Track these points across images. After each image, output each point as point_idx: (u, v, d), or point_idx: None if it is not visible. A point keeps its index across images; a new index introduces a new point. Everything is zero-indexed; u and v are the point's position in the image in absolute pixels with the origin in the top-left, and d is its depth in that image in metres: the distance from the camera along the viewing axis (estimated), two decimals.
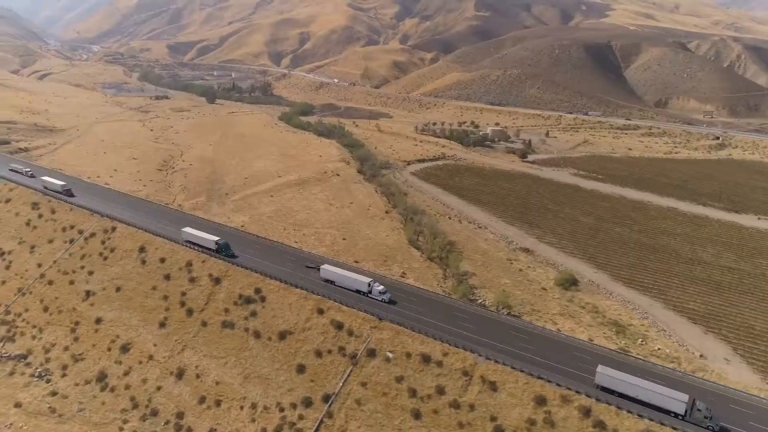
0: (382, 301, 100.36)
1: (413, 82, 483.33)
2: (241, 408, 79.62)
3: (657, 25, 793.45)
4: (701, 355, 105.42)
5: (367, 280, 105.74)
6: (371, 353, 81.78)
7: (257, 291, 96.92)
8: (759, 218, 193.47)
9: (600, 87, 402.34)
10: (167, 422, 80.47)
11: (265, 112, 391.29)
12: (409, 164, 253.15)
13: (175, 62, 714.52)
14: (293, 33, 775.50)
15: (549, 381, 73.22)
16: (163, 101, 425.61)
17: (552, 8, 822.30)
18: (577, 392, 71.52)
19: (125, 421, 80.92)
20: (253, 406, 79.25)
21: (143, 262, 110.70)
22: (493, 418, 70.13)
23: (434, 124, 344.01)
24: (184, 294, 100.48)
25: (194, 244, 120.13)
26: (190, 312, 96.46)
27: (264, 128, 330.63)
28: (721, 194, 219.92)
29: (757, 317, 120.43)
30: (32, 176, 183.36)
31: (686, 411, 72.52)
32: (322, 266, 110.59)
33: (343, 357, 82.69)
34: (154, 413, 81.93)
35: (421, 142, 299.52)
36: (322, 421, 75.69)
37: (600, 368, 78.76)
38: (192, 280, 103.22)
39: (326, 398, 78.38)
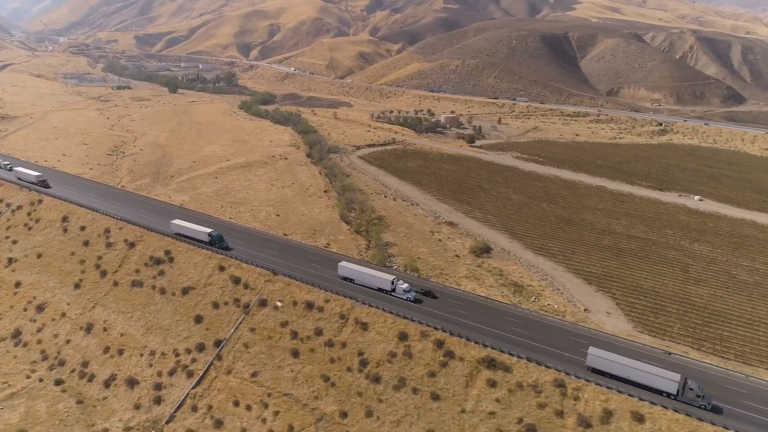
0: (406, 299, 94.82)
1: (377, 72, 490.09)
2: (141, 355, 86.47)
3: (621, 18, 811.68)
4: (585, 309, 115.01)
5: (391, 277, 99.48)
6: (263, 303, 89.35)
7: (167, 253, 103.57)
8: (680, 195, 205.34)
9: (555, 76, 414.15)
10: (73, 370, 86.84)
11: (226, 101, 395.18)
12: (358, 149, 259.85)
13: (142, 53, 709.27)
14: (263, 24, 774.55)
15: (412, 320, 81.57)
16: (125, 91, 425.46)
17: (520, 1, 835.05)
18: (435, 328, 79.94)
19: (33, 371, 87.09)
20: (152, 353, 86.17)
21: (65, 230, 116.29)
22: (360, 353, 78.24)
23: (390, 112, 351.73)
24: (100, 258, 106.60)
25: (184, 236, 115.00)
26: (104, 273, 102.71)
27: (222, 116, 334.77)
28: (648, 174, 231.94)
29: (647, 278, 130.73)
30: (10, 169, 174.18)
31: (678, 390, 72.24)
32: (339, 263, 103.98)
33: (237, 307, 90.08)
34: (62, 363, 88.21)
35: (374, 128, 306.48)
36: (212, 363, 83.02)
37: (591, 350, 77.81)
38: (109, 245, 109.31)
39: (218, 343, 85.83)
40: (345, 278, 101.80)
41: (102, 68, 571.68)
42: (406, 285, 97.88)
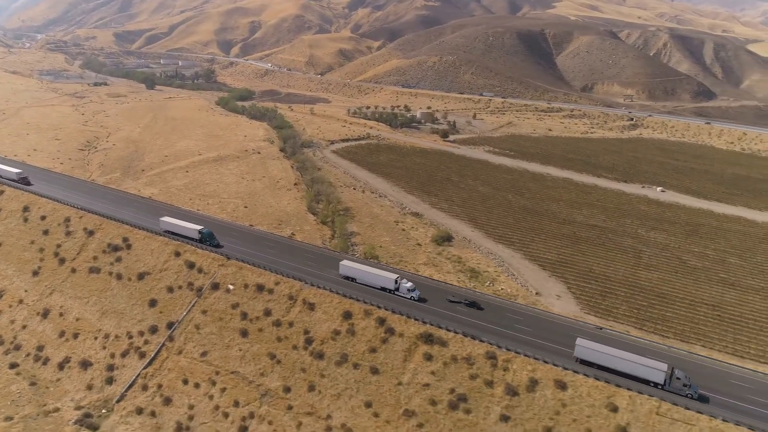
0: (411, 298, 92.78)
1: (356, 69, 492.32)
2: (96, 338, 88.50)
3: (600, 16, 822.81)
4: (537, 293, 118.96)
5: (394, 276, 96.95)
6: (215, 286, 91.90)
7: (125, 240, 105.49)
8: (643, 186, 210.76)
9: (531, 72, 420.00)
10: (28, 354, 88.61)
11: (203, 98, 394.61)
12: (332, 143, 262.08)
13: (121, 50, 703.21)
14: (244, 22, 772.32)
15: (357, 300, 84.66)
16: (101, 87, 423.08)
17: None
18: (378, 307, 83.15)
19: None
20: (106, 336, 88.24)
21: (25, 220, 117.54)
22: (306, 332, 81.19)
23: (367, 108, 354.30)
24: (59, 246, 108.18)
25: (174, 233, 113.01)
26: (62, 261, 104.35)
27: (198, 112, 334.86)
28: (614, 166, 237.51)
29: (600, 263, 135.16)
30: None
31: (665, 380, 72.21)
32: (341, 262, 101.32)
33: (191, 291, 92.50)
34: (17, 347, 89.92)
35: (350, 124, 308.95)
36: (164, 344, 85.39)
37: (579, 341, 77.67)
38: (68, 233, 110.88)
39: (170, 325, 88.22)
40: (346, 277, 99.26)
41: (80, 65, 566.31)
42: (410, 284, 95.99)
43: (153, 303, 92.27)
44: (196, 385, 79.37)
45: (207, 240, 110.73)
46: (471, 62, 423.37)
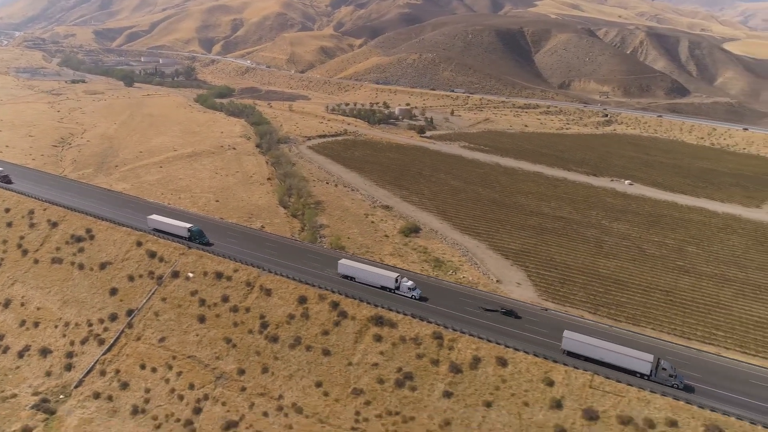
0: (412, 297, 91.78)
1: (337, 66, 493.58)
2: (56, 327, 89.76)
3: (581, 14, 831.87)
4: (498, 281, 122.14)
5: (394, 275, 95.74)
6: (175, 274, 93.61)
7: (88, 231, 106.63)
8: (612, 180, 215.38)
9: (509, 69, 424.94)
10: None
11: (182, 95, 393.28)
12: (309, 139, 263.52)
13: (101, 48, 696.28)
14: (226, 19, 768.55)
15: (312, 285, 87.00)
16: (78, 85, 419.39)
17: None
18: (332, 291, 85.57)
19: None
20: (67, 324, 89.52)
21: None
22: (262, 317, 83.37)
23: (346, 104, 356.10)
24: (22, 237, 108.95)
25: (162, 232, 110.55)
26: (25, 252, 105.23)
27: (176, 109, 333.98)
28: (585, 161, 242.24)
29: (562, 253, 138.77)
30: None
31: (651, 371, 72.97)
32: (339, 261, 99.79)
33: (151, 279, 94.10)
34: None
35: (328, 120, 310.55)
36: (123, 331, 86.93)
37: (566, 333, 78.59)
38: (32, 225, 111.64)
39: (130, 312, 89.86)
40: (345, 276, 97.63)
41: (58, 63, 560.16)
42: (410, 282, 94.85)
43: (114, 291, 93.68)
44: (153, 370, 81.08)
45: (197, 238, 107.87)
46: (450, 60, 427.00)
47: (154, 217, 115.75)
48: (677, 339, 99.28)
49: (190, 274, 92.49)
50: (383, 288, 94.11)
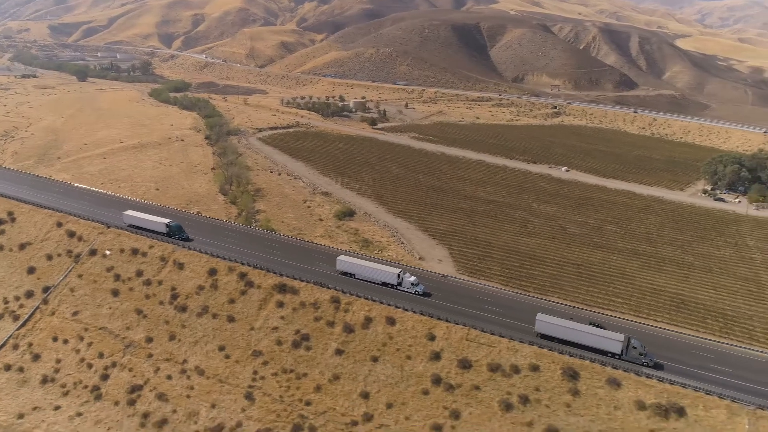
0: (415, 293, 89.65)
1: (296, 61, 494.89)
2: None
3: (541, 11, 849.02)
4: (420, 258, 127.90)
5: (396, 270, 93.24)
6: (93, 252, 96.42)
7: (10, 214, 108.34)
8: (550, 167, 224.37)
9: (464, 64, 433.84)
10: None
11: (137, 89, 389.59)
12: (260, 131, 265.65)
13: (57, 43, 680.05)
14: (186, 14, 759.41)
15: (223, 258, 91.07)
16: (29, 80, 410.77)
17: None
18: (242, 263, 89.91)
19: None
20: None
21: None
22: (173, 288, 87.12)
23: (302, 98, 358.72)
24: None
25: (139, 228, 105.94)
26: None
27: (128, 103, 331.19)
28: (527, 149, 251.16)
29: (486, 232, 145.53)
30: None
31: (622, 350, 74.14)
32: (338, 258, 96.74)
33: (69, 257, 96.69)
34: None
35: (282, 113, 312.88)
36: (38, 307, 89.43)
37: (539, 316, 79.31)
38: None
39: (46, 289, 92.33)
40: (344, 273, 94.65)
41: (9, 58, 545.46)
42: (413, 278, 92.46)
43: (31, 270, 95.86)
44: (65, 342, 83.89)
45: (175, 233, 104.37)
46: (407, 54, 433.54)
47: (130, 212, 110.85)
48: (578, 305, 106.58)
49: (108, 252, 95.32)
50: (384, 284, 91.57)
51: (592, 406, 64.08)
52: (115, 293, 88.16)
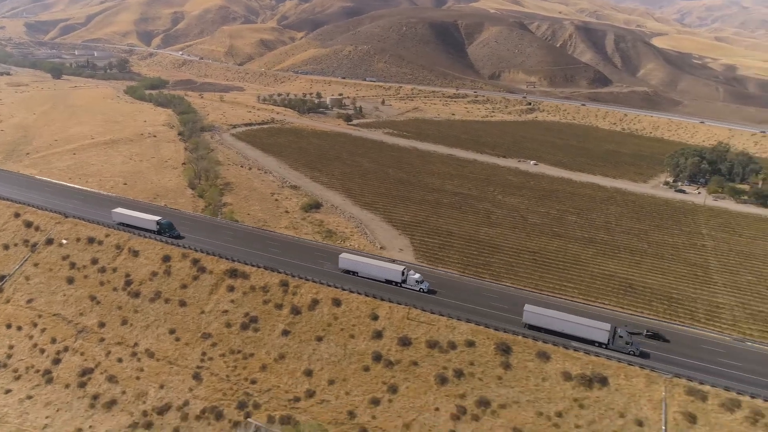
0: (420, 290, 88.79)
1: (275, 58, 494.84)
2: None
3: (521, 10, 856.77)
4: (382, 247, 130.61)
5: (401, 268, 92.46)
6: (50, 242, 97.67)
7: None
8: (519, 161, 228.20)
9: (441, 61, 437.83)
10: None
11: (112, 86, 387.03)
12: (234, 127, 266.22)
13: (33, 41, 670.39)
14: (166, 12, 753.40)
15: (177, 246, 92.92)
16: (2, 77, 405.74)
17: None
18: (195, 250, 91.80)
19: None
20: None
21: None
22: (127, 275, 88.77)
23: (279, 95, 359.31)
24: None
25: (129, 225, 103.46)
26: None
27: (102, 100, 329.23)
28: (498, 144, 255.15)
29: (449, 223, 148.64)
30: None
31: (609, 339, 74.88)
32: (340, 255, 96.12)
33: (26, 247, 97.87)
34: None
35: (257, 110, 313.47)
36: None
37: (527, 307, 79.97)
38: None
39: (1, 278, 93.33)
40: (347, 271, 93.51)
41: None
42: (418, 275, 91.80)
43: None
44: (19, 328, 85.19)
45: (166, 231, 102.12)
46: (384, 51, 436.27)
47: (120, 210, 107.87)
48: (531, 289, 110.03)
49: (64, 241, 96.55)
50: (388, 282, 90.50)
51: (522, 378, 67.26)
52: (70, 281, 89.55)
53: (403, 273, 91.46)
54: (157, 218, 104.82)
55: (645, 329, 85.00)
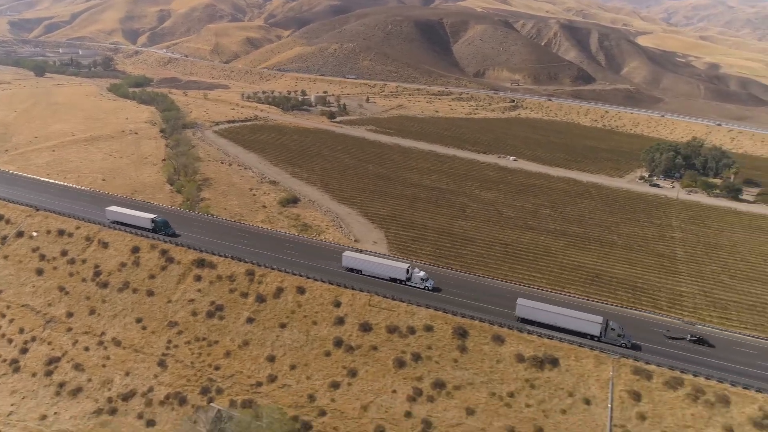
0: (424, 288, 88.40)
1: (261, 56, 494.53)
2: None
3: (508, 9, 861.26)
4: (356, 240, 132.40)
5: (405, 265, 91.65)
6: (20, 234, 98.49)
7: None
8: (499, 157, 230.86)
9: (427, 59, 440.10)
10: None
11: (95, 84, 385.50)
12: (217, 124, 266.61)
13: (16, 39, 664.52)
14: (152, 10, 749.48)
15: (146, 237, 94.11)
16: None
17: None
18: (163, 241, 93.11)
19: None
20: None
21: None
22: (96, 266, 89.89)
23: (264, 92, 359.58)
24: None
25: (124, 224, 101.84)
26: None
27: (84, 98, 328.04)
28: (479, 141, 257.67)
29: (425, 217, 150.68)
30: None
31: (601, 332, 75.19)
32: (344, 253, 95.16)
33: None
34: None
35: (241, 107, 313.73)
36: None
37: (519, 301, 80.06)
38: None
39: None
40: (350, 269, 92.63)
41: None
42: (423, 273, 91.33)
43: None
44: None
45: (162, 229, 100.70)
46: (370, 49, 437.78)
47: (114, 208, 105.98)
48: (499, 280, 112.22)
49: (35, 233, 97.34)
50: (393, 280, 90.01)
51: (477, 360, 69.34)
52: (40, 272, 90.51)
53: (407, 271, 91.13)
54: (152, 216, 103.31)
55: (689, 334, 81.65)
